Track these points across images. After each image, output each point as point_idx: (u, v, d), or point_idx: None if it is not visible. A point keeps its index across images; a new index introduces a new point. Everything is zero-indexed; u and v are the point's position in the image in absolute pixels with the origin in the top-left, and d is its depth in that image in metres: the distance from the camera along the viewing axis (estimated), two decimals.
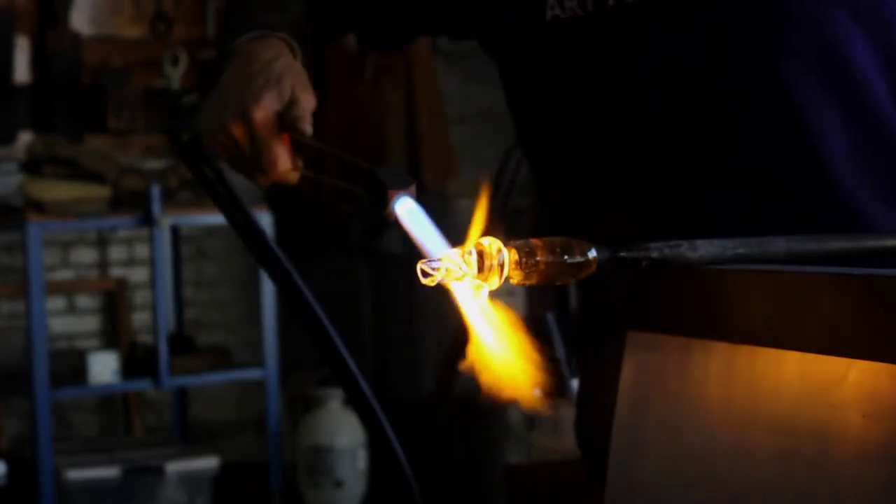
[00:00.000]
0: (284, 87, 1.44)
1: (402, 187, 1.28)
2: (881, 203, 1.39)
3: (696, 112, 1.40)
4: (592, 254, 1.07)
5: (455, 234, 1.13)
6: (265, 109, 1.42)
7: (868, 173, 1.39)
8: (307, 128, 1.42)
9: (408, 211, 1.26)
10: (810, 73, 1.37)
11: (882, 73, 1.38)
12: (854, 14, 1.37)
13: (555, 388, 3.56)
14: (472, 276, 1.04)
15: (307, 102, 1.44)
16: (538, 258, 1.04)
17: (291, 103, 1.43)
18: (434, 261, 1.06)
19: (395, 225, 1.28)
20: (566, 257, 1.05)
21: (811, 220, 1.37)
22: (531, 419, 3.76)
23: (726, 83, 1.39)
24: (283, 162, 1.43)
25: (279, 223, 4.83)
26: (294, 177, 1.46)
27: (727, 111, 1.39)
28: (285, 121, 1.43)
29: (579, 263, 1.06)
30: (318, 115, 1.46)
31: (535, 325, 3.64)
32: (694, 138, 1.40)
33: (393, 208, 1.28)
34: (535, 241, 1.05)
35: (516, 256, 1.04)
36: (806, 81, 1.37)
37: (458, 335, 3.59)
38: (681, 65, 1.39)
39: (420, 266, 1.05)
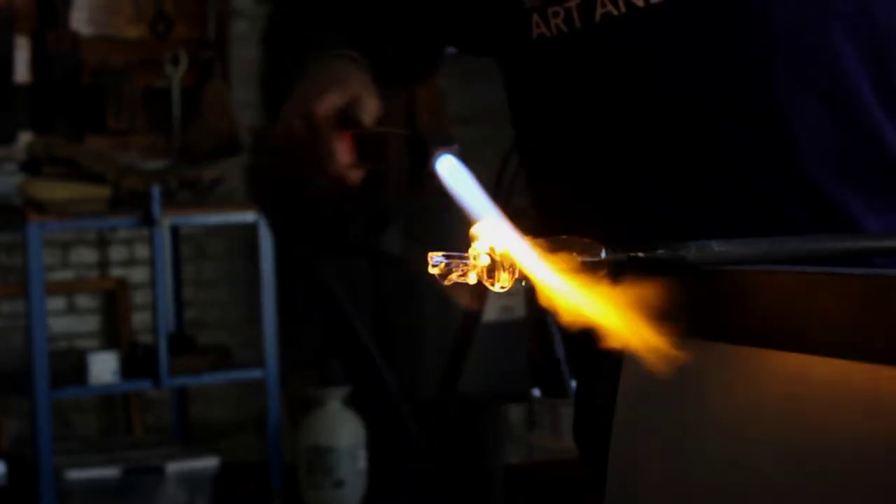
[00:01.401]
0: (348, 86, 1.44)
1: (444, 145, 1.28)
2: (872, 211, 1.39)
3: (685, 125, 1.40)
4: (602, 254, 1.06)
5: (455, 235, 1.13)
6: (327, 104, 1.42)
7: (857, 182, 1.39)
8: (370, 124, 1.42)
9: (449, 169, 1.26)
10: (802, 89, 1.37)
11: (872, 87, 1.38)
12: (845, 28, 1.36)
13: (554, 388, 3.56)
14: (484, 278, 1.04)
15: (371, 103, 1.44)
16: None
17: (354, 102, 1.43)
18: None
19: (395, 225, 1.27)
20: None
21: (798, 228, 1.37)
22: (531, 419, 3.75)
23: (714, 96, 1.39)
24: (342, 154, 1.42)
25: (279, 224, 4.82)
26: (355, 175, 1.45)
27: (715, 125, 1.39)
28: (348, 118, 1.43)
29: (589, 264, 1.06)
30: None
31: (534, 325, 3.64)
32: (682, 151, 1.41)
33: (434, 167, 1.27)
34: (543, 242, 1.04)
35: None
36: (797, 96, 1.37)
37: (460, 334, 3.59)
38: (671, 79, 1.40)
39: (430, 257, 1.04)
